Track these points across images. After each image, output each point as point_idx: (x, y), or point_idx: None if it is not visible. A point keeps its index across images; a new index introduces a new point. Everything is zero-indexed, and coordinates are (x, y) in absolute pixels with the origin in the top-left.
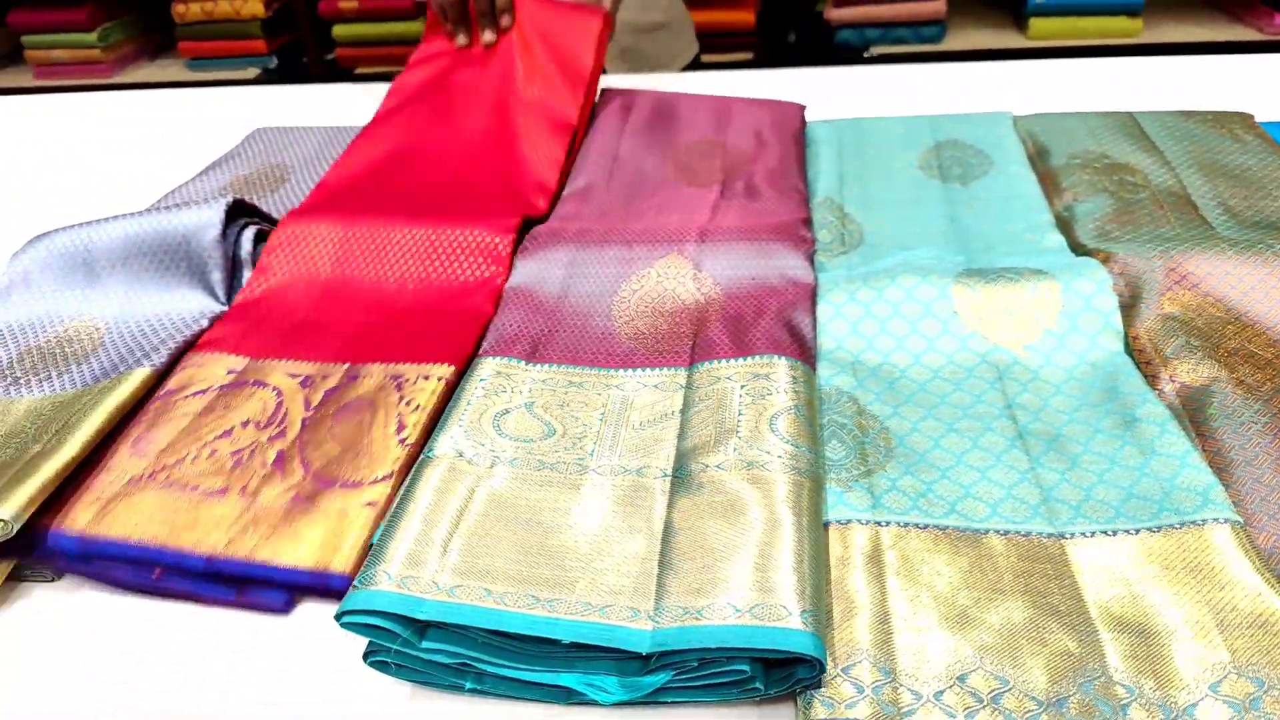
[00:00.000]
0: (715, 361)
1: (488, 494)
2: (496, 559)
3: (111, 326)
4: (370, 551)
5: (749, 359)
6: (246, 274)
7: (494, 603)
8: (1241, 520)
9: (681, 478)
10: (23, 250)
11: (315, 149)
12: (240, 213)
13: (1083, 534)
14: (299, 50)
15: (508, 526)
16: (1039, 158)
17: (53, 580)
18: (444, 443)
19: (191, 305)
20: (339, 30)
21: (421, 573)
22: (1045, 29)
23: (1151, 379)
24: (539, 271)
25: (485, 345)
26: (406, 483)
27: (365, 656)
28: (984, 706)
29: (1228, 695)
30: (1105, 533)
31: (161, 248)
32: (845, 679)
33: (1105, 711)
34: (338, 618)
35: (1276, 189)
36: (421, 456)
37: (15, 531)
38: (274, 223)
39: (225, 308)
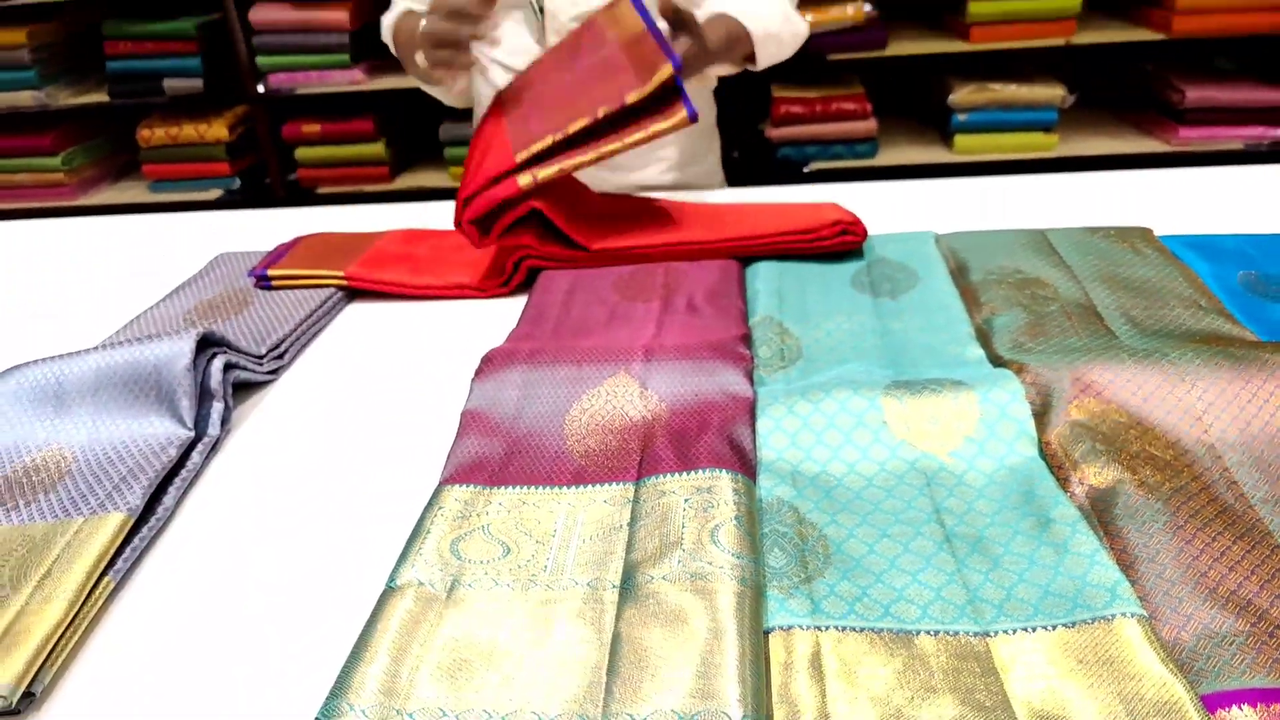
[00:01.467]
0: (661, 476)
1: (449, 620)
2: (457, 681)
3: (78, 454)
4: (335, 682)
5: (693, 473)
6: (215, 404)
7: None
8: (1146, 614)
9: (629, 589)
10: None
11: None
12: (208, 344)
13: (1005, 631)
14: (262, 172)
15: (467, 649)
16: (959, 273)
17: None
18: (405, 573)
19: (159, 431)
20: (302, 153)
21: (388, 702)
22: (969, 144)
23: (1063, 481)
24: (494, 394)
25: (447, 473)
26: (370, 614)
27: None
28: None
29: None
30: (1026, 629)
31: (131, 378)
32: None
33: None
34: None
35: (1174, 300)
36: (384, 587)
37: (15, 703)
38: (241, 352)
39: (192, 434)
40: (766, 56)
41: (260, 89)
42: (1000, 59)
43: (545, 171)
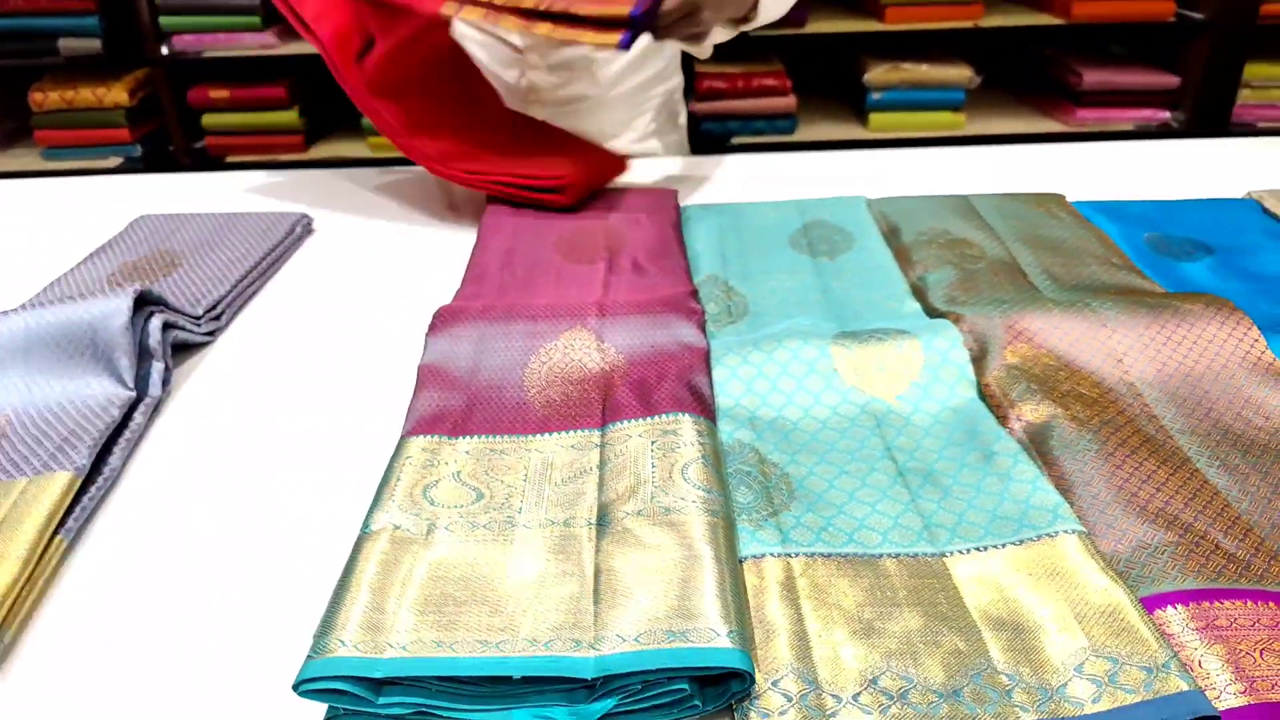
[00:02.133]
0: (625, 421)
1: (428, 559)
2: (444, 615)
3: (13, 416)
4: (320, 623)
5: (656, 417)
6: (155, 364)
7: (446, 651)
8: (1085, 530)
9: (604, 525)
10: None
11: (204, 235)
12: (145, 302)
13: (959, 551)
14: (165, 138)
15: (451, 585)
16: (892, 235)
17: None
18: (380, 518)
19: (98, 392)
20: (209, 119)
21: (376, 637)
22: (882, 122)
23: (1002, 419)
24: (448, 348)
25: (409, 426)
26: (348, 558)
27: None
28: (894, 703)
29: (1090, 674)
30: (978, 549)
31: (65, 337)
32: (774, 691)
33: (994, 698)
34: (295, 687)
35: (1089, 258)
36: (359, 533)
37: None
38: (178, 312)
39: (133, 394)
40: (767, 12)
41: (164, 50)
42: (912, 40)
43: (469, 8)
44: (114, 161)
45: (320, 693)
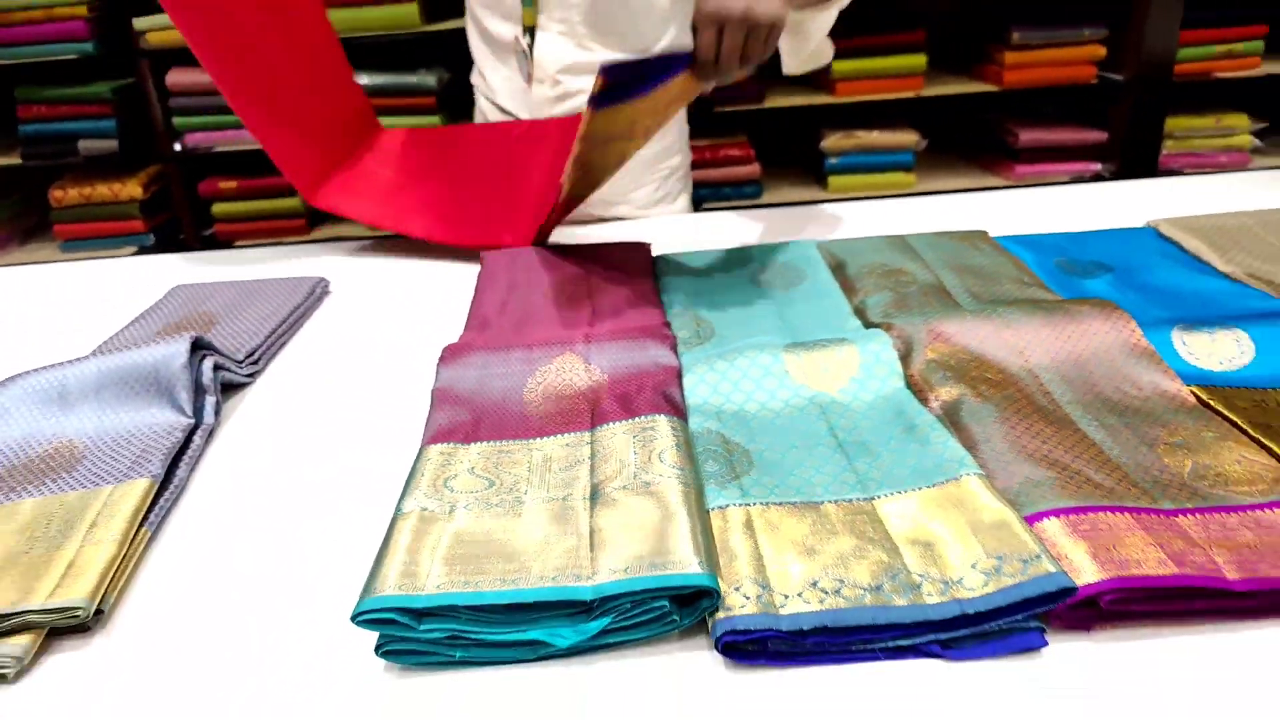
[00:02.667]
0: (611, 424)
1: (451, 529)
2: (468, 565)
3: (87, 442)
4: (367, 578)
5: (637, 419)
6: (208, 397)
7: (472, 588)
8: (984, 473)
9: (596, 499)
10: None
11: (236, 298)
12: (198, 347)
13: (885, 494)
14: (176, 227)
15: (472, 546)
16: (838, 270)
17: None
18: (409, 503)
19: (161, 420)
20: (219, 208)
21: (414, 581)
22: (840, 184)
23: (924, 401)
24: (456, 375)
25: (427, 437)
26: (385, 534)
27: (376, 649)
28: (830, 595)
29: (982, 570)
30: (900, 492)
31: (132, 377)
32: (736, 594)
33: (907, 590)
34: (354, 618)
35: (1004, 279)
36: (393, 516)
37: (91, 615)
38: (224, 356)
39: (192, 420)
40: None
41: (177, 147)
42: (863, 110)
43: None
44: (129, 251)
45: (372, 623)
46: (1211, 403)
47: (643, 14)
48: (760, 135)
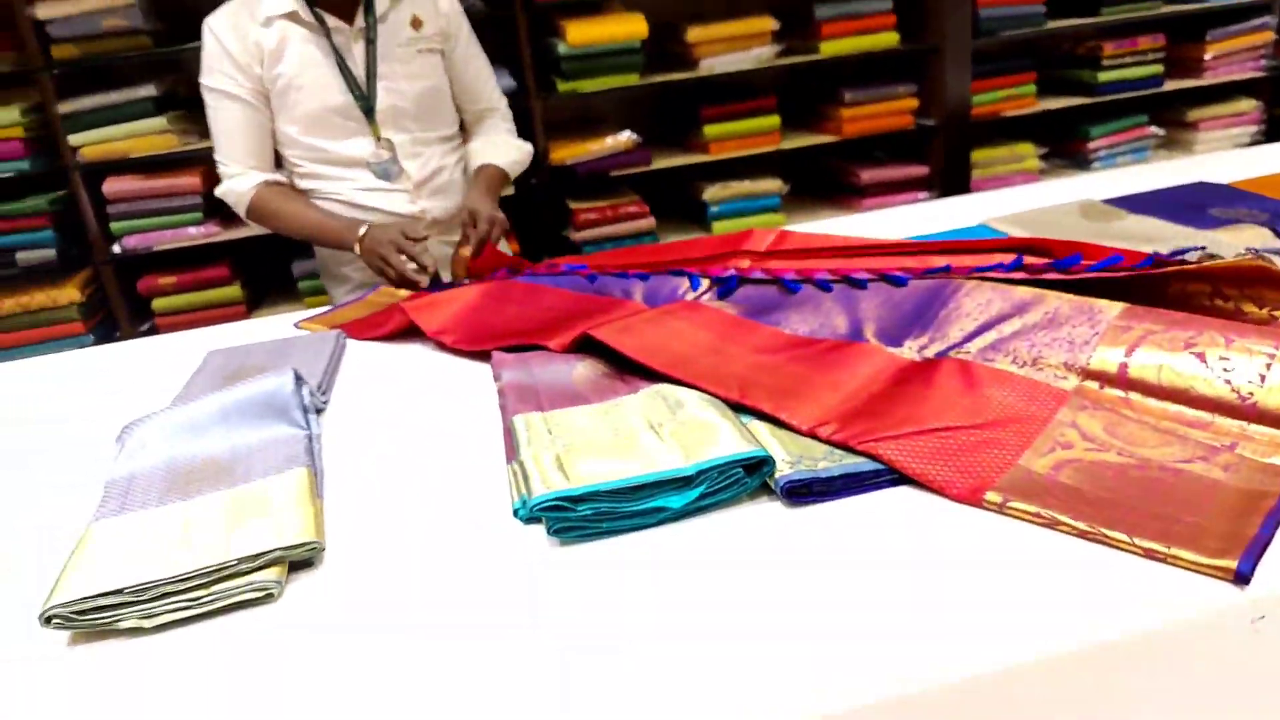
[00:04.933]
0: (645, 389)
1: (564, 446)
2: (596, 468)
3: (228, 456)
4: (521, 492)
5: (655, 386)
6: (312, 415)
7: (606, 479)
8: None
9: (655, 428)
10: (130, 429)
11: (272, 353)
12: (296, 379)
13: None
14: (113, 325)
15: (590, 458)
16: None
17: None
18: (525, 450)
19: (283, 434)
20: (158, 303)
21: (564, 481)
22: (722, 228)
23: None
24: (515, 372)
25: (511, 411)
26: (518, 469)
27: (549, 530)
28: (821, 460)
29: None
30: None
31: (249, 405)
32: (782, 463)
33: (830, 458)
34: (532, 508)
35: None
36: (517, 458)
37: (321, 548)
38: (316, 383)
39: (309, 431)
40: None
41: (116, 249)
42: (733, 165)
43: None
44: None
45: (542, 511)
46: None
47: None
48: (651, 192)
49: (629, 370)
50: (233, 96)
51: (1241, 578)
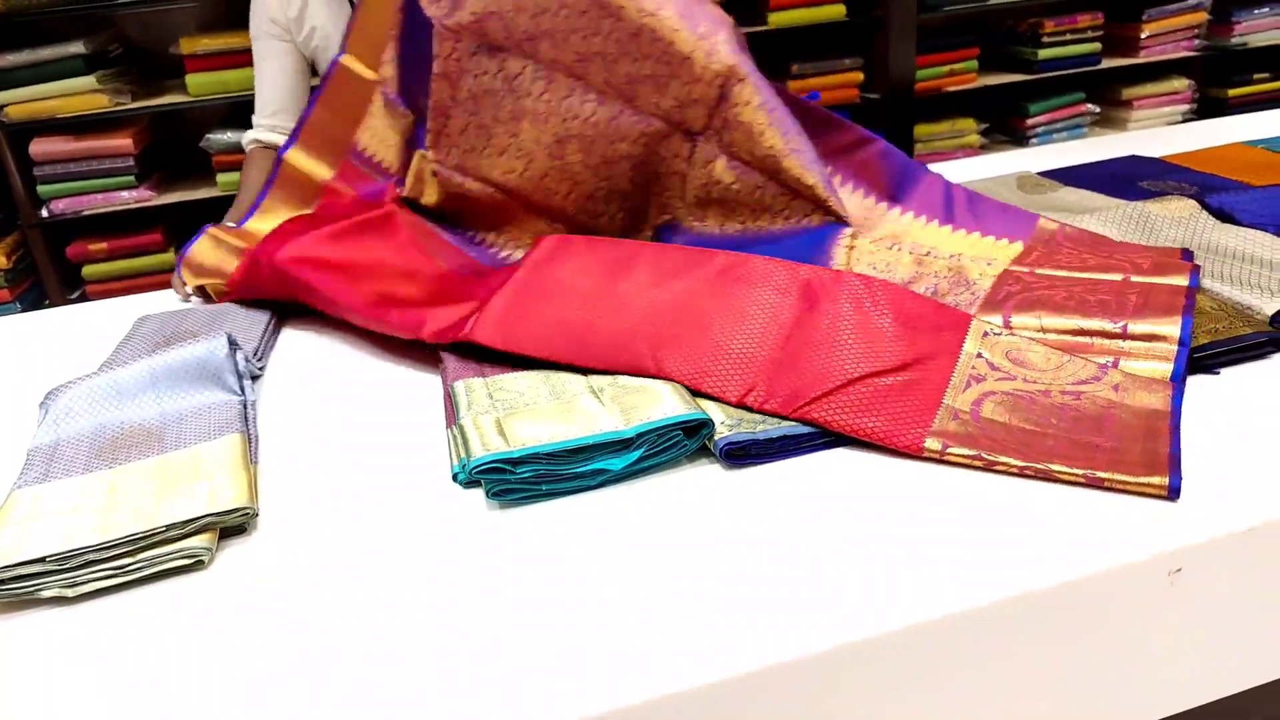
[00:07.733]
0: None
1: (507, 419)
2: (535, 430)
3: (158, 423)
4: (459, 455)
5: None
6: (247, 381)
7: (547, 441)
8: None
9: (596, 392)
10: (54, 395)
11: (208, 319)
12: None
13: None
14: (41, 293)
15: (530, 412)
16: None
17: None
18: (466, 415)
19: (217, 399)
20: (89, 270)
21: (503, 444)
22: None
23: None
24: (453, 359)
25: (449, 376)
26: (457, 433)
27: (487, 492)
28: (760, 423)
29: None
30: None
31: (180, 370)
32: (721, 425)
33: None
34: (466, 472)
35: None
36: (458, 423)
37: (254, 514)
38: (251, 350)
39: (244, 398)
40: None
41: (44, 213)
42: None
43: None
44: None
45: (481, 474)
46: None
47: None
48: None
49: None
50: (266, 43)
51: (1174, 491)
